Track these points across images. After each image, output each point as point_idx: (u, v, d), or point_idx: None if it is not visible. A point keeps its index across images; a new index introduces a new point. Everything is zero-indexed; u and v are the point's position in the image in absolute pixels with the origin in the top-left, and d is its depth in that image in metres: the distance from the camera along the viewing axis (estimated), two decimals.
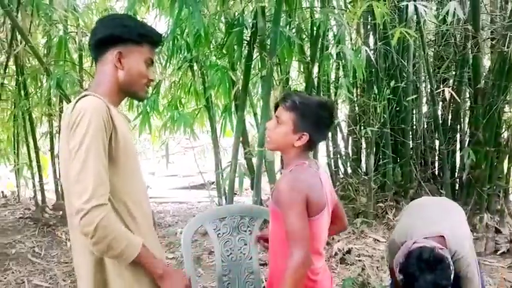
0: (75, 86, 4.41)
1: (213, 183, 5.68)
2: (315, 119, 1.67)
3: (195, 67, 4.39)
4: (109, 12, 4.41)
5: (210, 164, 5.34)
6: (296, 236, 1.56)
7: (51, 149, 5.35)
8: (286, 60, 4.31)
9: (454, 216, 2.35)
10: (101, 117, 1.38)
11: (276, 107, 1.74)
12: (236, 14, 3.77)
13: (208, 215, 2.45)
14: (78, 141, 1.35)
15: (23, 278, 3.82)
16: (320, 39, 4.15)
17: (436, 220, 2.24)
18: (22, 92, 4.97)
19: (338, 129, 5.38)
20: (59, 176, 5.17)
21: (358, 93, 5.14)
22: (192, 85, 4.56)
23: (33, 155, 5.28)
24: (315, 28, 4.20)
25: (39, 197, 5.38)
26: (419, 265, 1.94)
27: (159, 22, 4.55)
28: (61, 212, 5.26)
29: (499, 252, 4.08)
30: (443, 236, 2.14)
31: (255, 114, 4.81)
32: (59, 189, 5.33)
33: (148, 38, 1.57)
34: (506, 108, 4.50)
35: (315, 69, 4.39)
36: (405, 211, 2.60)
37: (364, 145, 5.11)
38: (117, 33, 1.52)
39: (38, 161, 5.24)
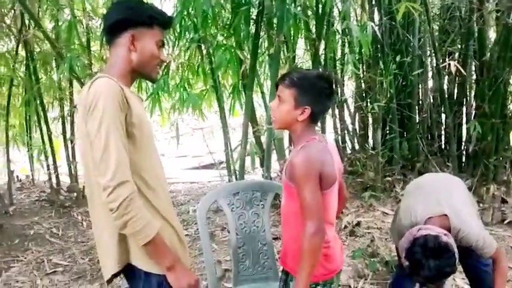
0: (86, 69, 4.47)
1: (222, 162, 5.75)
2: (315, 91, 1.72)
3: (203, 47, 4.41)
4: None
5: (219, 144, 5.39)
6: (311, 209, 1.63)
7: (64, 132, 5.44)
8: (293, 38, 4.32)
9: (455, 192, 2.40)
10: (116, 98, 1.45)
11: (277, 86, 1.81)
12: None
13: (221, 190, 2.51)
14: (97, 123, 1.42)
15: (42, 258, 3.95)
16: (326, 16, 4.16)
17: (438, 199, 2.29)
18: (33, 77, 5.04)
19: (345, 106, 5.42)
20: (72, 159, 5.31)
21: (364, 69, 5.16)
22: (199, 66, 4.59)
23: (46, 139, 5.37)
24: (320, 5, 4.22)
25: (53, 180, 5.48)
26: (425, 253, 2.01)
27: (166, 4, 4.57)
28: (75, 194, 5.38)
29: (505, 222, 4.13)
30: (446, 215, 2.21)
31: (262, 93, 4.84)
32: (73, 172, 5.43)
33: (159, 20, 1.63)
34: None
35: (321, 46, 4.42)
36: (408, 191, 2.65)
37: (371, 120, 5.13)
38: (129, 17, 1.58)
39: (51, 145, 5.34)
